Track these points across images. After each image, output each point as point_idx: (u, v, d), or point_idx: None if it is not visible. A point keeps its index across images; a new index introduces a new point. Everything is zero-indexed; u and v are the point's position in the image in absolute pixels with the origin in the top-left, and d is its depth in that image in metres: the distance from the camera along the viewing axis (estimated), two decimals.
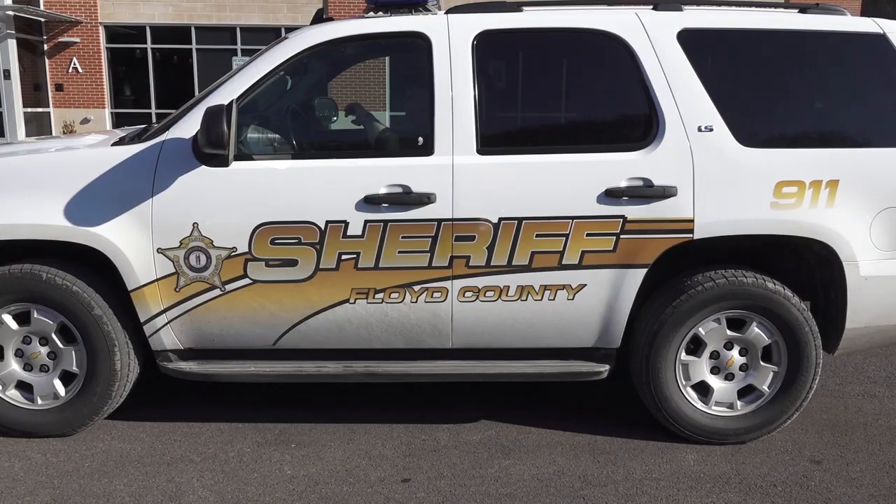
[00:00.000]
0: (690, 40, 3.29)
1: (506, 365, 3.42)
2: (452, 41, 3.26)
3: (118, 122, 18.44)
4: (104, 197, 3.21)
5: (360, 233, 3.21)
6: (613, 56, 3.29)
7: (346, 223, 3.21)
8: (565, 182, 3.21)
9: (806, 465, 3.27)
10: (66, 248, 3.25)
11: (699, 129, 3.23)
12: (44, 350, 3.35)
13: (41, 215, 3.18)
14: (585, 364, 3.42)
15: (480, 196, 3.21)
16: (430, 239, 3.22)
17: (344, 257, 3.24)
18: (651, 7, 3.39)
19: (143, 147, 3.26)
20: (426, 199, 3.18)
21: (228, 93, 3.25)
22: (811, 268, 3.45)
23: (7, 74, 17.18)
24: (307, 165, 3.27)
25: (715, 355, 3.40)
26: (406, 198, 3.19)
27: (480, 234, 3.22)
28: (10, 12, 16.62)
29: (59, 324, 3.30)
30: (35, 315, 3.30)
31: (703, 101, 3.24)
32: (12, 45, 17.16)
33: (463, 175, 3.21)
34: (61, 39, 18.54)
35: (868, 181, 3.25)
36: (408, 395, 3.93)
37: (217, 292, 3.28)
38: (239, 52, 18.08)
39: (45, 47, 18.58)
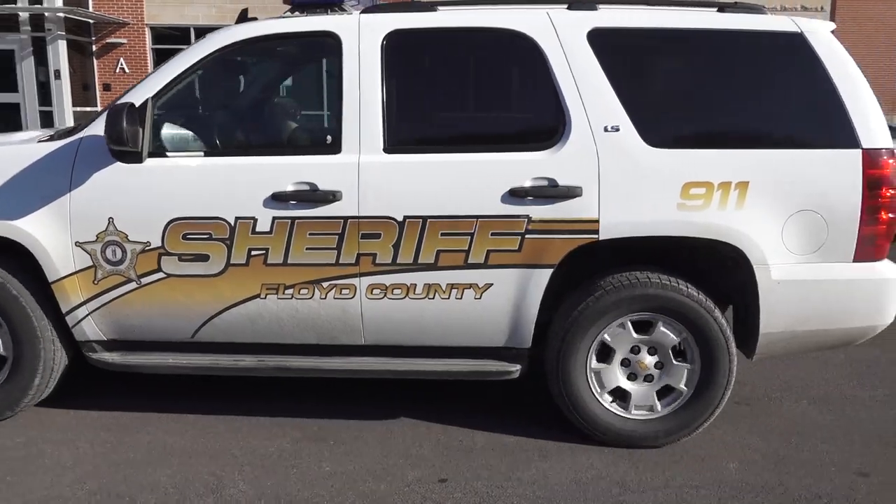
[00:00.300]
0: (601, 40, 3.26)
1: (418, 362, 3.44)
2: (362, 41, 3.29)
3: None
4: (25, 192, 3.34)
5: (268, 229, 3.27)
6: (522, 56, 3.28)
7: (254, 219, 3.27)
8: (470, 181, 3.22)
9: (853, 478, 3.14)
10: None
11: (605, 130, 3.20)
12: None
13: None
14: (496, 363, 3.42)
15: (386, 194, 3.24)
16: (337, 236, 3.26)
17: (253, 253, 3.30)
18: (565, 6, 3.37)
19: (63, 143, 3.38)
20: (332, 196, 3.23)
21: (145, 91, 3.34)
22: (729, 271, 3.39)
23: (57, 74, 17.63)
24: (218, 162, 3.34)
25: (626, 362, 3.37)
26: (312, 195, 3.24)
27: (386, 232, 3.25)
28: (61, 14, 17.14)
29: None
30: None
31: (611, 102, 3.22)
32: (62, 46, 17.67)
33: (369, 173, 3.24)
34: (109, 40, 18.99)
35: (781, 183, 3.19)
36: (443, 395, 3.89)
37: (133, 285, 3.37)
38: None
39: (94, 48, 19.04)
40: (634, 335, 3.31)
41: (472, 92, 3.51)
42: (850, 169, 3.18)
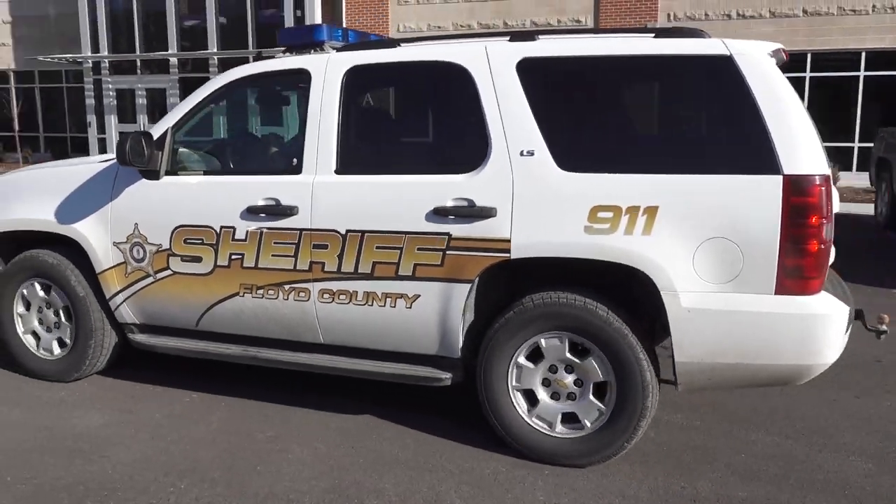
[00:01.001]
0: (529, 69, 3.43)
1: (365, 363, 3.81)
2: (327, 76, 3.77)
3: None
4: (82, 201, 4.25)
5: (243, 237, 3.86)
6: (457, 85, 3.54)
7: (234, 228, 3.87)
8: (401, 200, 3.54)
9: None
10: (59, 238, 4.33)
11: (521, 154, 3.37)
12: (54, 316, 4.47)
13: (41, 213, 4.30)
14: (428, 370, 3.68)
15: (333, 210, 3.67)
16: (294, 245, 3.76)
17: (233, 257, 3.90)
18: (507, 38, 3.58)
19: (110, 163, 4.24)
20: (290, 210, 3.73)
21: (168, 121, 4.10)
22: (652, 297, 3.34)
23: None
24: (211, 180, 4.00)
25: (546, 382, 3.45)
26: (276, 209, 3.77)
27: (332, 244, 3.68)
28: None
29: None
30: (52, 293, 4.42)
31: (530, 127, 3.37)
32: None
33: (320, 191, 3.70)
34: None
35: (692, 209, 3.12)
36: (667, 436, 3.78)
37: (151, 280, 4.14)
38: None
39: None
40: (567, 354, 3.38)
41: (413, 119, 3.83)
42: (769, 196, 3.03)
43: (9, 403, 4.13)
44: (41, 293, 4.48)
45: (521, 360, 3.46)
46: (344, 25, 20.29)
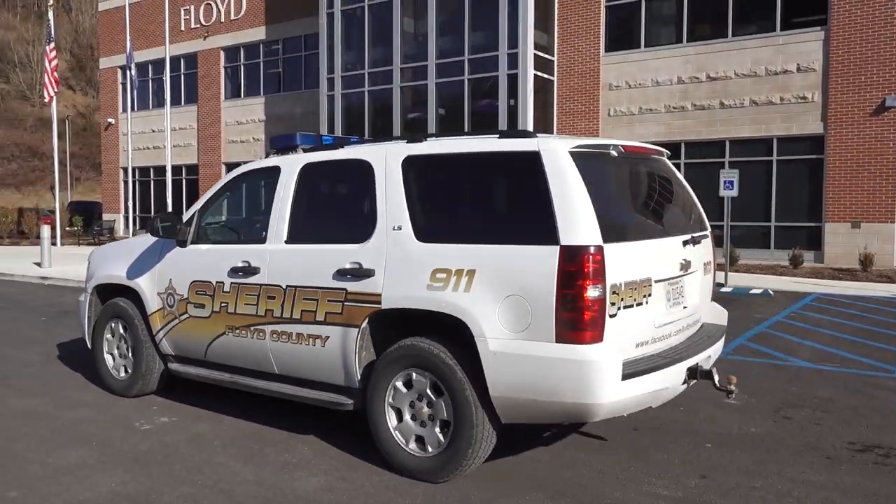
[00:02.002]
0: (408, 164, 4.46)
1: (302, 391, 4.88)
2: (291, 171, 5.06)
3: None
4: (142, 262, 5.85)
5: (229, 290, 5.18)
6: (365, 177, 4.64)
7: (223, 283, 5.21)
8: (319, 263, 4.67)
9: None
10: (123, 289, 5.95)
11: (393, 228, 4.37)
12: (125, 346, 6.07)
13: (117, 272, 5.97)
14: (338, 396, 4.67)
15: (280, 270, 4.89)
16: (257, 296, 5.00)
17: (223, 304, 5.23)
18: (406, 140, 4.65)
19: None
20: (255, 270, 5.00)
21: (196, 206, 5.60)
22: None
23: None
24: (214, 248, 5.40)
25: (412, 405, 4.31)
26: (248, 269, 5.06)
27: (278, 295, 4.87)
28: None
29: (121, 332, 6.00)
30: (127, 331, 6.05)
31: (401, 208, 4.38)
32: None
33: (274, 256, 4.94)
34: None
35: (497, 272, 3.93)
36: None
37: (177, 321, 5.58)
38: (726, 165, 18.28)
39: None
40: (428, 391, 4.23)
41: (337, 201, 4.96)
42: (549, 262, 3.77)
43: (242, 459, 4.65)
44: (121, 330, 6.11)
45: (398, 384, 4.34)
46: (555, 112, 21.01)
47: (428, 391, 4.23)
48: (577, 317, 3.71)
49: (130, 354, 6.01)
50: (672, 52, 19.53)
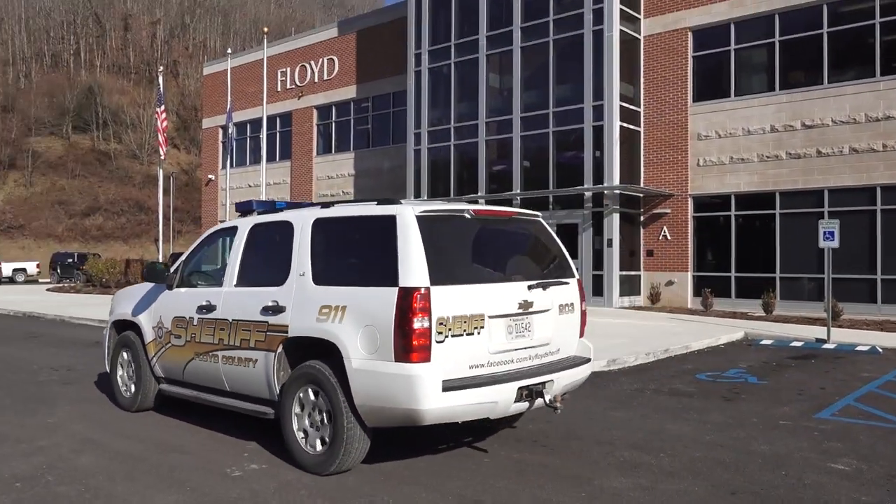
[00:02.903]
0: (317, 224, 5.75)
1: (242, 404, 6.16)
2: (244, 228, 6.44)
3: (698, 284, 20.25)
4: (143, 303, 7.34)
5: (196, 323, 6.57)
6: (287, 234, 5.95)
7: (193, 318, 6.61)
8: (252, 301, 5.99)
9: None
10: (130, 324, 7.45)
11: (300, 275, 5.64)
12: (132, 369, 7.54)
13: (127, 310, 7.49)
14: (263, 407, 5.91)
15: (228, 307, 6.24)
16: (213, 328, 6.35)
17: (192, 335, 6.61)
18: (321, 206, 5.95)
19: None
20: (213, 308, 6.38)
21: (182, 258, 7.06)
22: None
23: (610, 243, 20.26)
24: (190, 290, 6.83)
25: (310, 414, 5.50)
26: (209, 306, 6.44)
27: (226, 327, 6.21)
28: (617, 191, 20.16)
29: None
30: (128, 354, 7.53)
31: (306, 259, 5.66)
32: (615, 218, 20.29)
33: (226, 296, 6.30)
34: (655, 211, 20.92)
35: (360, 306, 5.13)
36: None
37: (164, 349, 7.01)
38: (825, 215, 17.66)
39: (641, 218, 21.17)
40: (304, 401, 5.44)
41: (269, 254, 6.27)
42: (391, 300, 4.93)
43: (294, 490, 5.07)
44: (126, 356, 7.60)
45: (301, 396, 5.54)
46: (642, 163, 20.95)
47: (319, 402, 5.41)
48: (407, 342, 4.84)
49: (134, 376, 7.47)
50: (764, 101, 19.16)
